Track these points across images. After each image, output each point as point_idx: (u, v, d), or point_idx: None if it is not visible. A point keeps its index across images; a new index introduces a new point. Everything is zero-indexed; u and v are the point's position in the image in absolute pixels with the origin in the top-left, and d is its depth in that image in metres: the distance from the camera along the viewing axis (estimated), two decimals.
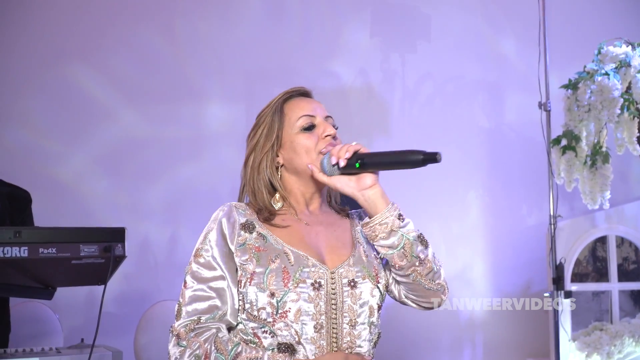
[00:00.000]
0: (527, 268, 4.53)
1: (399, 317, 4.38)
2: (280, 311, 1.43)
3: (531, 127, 3.97)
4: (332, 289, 1.46)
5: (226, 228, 1.53)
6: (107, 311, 2.14)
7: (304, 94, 1.65)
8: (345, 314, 1.47)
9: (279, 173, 1.58)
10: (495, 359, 4.60)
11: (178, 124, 4.42)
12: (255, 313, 1.44)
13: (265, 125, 1.59)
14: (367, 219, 1.49)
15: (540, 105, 3.72)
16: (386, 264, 1.59)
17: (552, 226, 3.63)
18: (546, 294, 3.57)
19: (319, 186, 1.58)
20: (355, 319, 1.47)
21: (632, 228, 4.07)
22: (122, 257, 2.11)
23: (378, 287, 1.52)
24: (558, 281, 3.55)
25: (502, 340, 4.58)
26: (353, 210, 1.69)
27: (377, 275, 1.53)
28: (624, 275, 4.12)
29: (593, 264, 4.12)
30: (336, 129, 1.61)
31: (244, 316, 1.46)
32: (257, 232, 1.51)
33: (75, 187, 4.21)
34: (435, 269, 1.54)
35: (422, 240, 1.51)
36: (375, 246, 1.49)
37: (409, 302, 1.61)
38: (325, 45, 4.71)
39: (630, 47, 3.61)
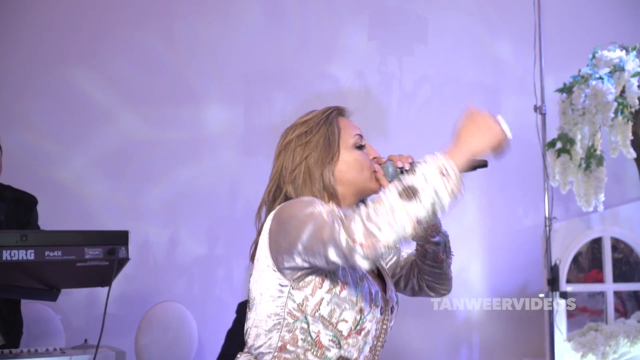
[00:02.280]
0: (523, 269, 4.56)
1: (397, 317, 4.41)
2: (357, 328, 1.48)
3: (527, 130, 4.00)
4: (386, 314, 1.57)
5: None
6: (108, 312, 2.17)
7: (346, 113, 1.68)
8: (383, 338, 1.58)
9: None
10: (491, 359, 4.63)
11: (178, 126, 4.44)
12: (334, 321, 1.46)
13: (321, 135, 1.58)
14: None
15: (535, 108, 3.75)
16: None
17: (548, 228, 3.67)
18: (541, 295, 3.61)
19: (360, 197, 1.63)
20: (384, 343, 1.59)
21: (626, 229, 4.11)
22: (125, 260, 2.15)
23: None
24: (553, 282, 3.59)
25: (498, 340, 4.61)
26: None
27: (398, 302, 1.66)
28: (618, 276, 4.16)
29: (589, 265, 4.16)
30: None
31: (315, 317, 1.46)
32: None
33: (76, 189, 4.23)
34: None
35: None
36: (422, 244, 1.65)
37: (429, 291, 1.73)
38: (323, 48, 4.74)
39: (624, 51, 3.65)
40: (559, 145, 3.71)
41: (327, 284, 1.46)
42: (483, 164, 1.50)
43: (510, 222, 4.76)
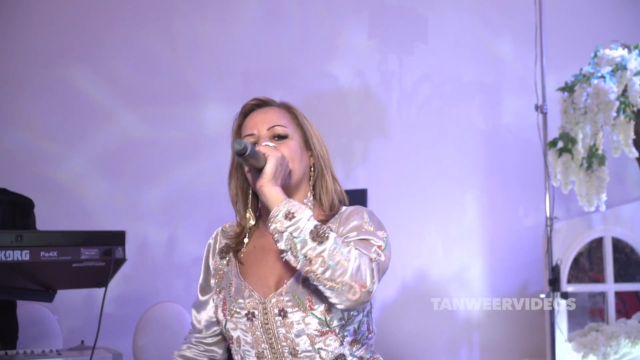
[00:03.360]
0: (524, 269, 4.55)
1: (396, 317, 4.40)
2: (228, 336, 1.56)
3: (528, 129, 3.99)
4: (265, 319, 1.48)
5: (210, 257, 1.69)
6: (106, 312, 2.15)
7: (255, 106, 1.64)
8: (283, 344, 1.47)
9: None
10: None
11: (177, 125, 4.43)
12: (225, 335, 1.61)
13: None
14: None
15: (536, 107, 3.73)
16: None
17: (549, 228, 3.65)
18: (542, 295, 3.59)
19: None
20: (294, 348, 1.46)
21: (628, 229, 4.09)
22: (122, 260, 2.12)
23: (313, 314, 1.44)
24: (554, 282, 3.57)
25: (498, 340, 4.60)
26: None
27: (310, 302, 1.44)
28: (620, 277, 4.14)
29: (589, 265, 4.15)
30: (285, 136, 1.57)
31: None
32: (228, 257, 1.61)
33: (75, 189, 4.22)
34: (333, 265, 1.32)
35: (318, 234, 1.35)
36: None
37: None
38: (323, 47, 4.72)
39: (626, 50, 3.63)
40: (560, 144, 3.69)
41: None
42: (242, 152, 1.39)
43: (511, 221, 4.74)
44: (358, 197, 3.53)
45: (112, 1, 4.44)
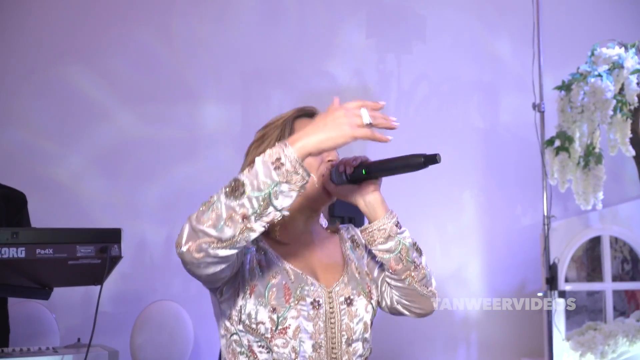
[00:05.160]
0: (522, 268, 4.55)
1: (395, 317, 4.40)
2: (279, 327, 1.43)
3: (525, 128, 3.99)
4: (330, 308, 1.49)
5: None
6: (103, 311, 2.15)
7: (313, 114, 1.61)
8: (343, 333, 1.49)
9: None
10: (489, 359, 4.62)
11: (175, 124, 4.43)
12: (254, 326, 1.44)
13: (273, 137, 1.55)
14: (366, 225, 1.52)
15: (534, 106, 3.74)
16: (381, 268, 1.61)
17: (546, 226, 3.66)
18: (540, 294, 3.59)
19: (315, 204, 1.58)
20: (351, 337, 1.50)
21: (625, 228, 4.10)
22: (118, 258, 2.12)
23: (371, 303, 1.56)
24: (552, 281, 3.58)
25: (496, 339, 4.60)
26: (341, 225, 1.71)
27: (370, 291, 1.57)
28: (617, 275, 4.15)
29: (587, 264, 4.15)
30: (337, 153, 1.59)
31: (240, 327, 1.46)
32: (259, 245, 1.52)
33: (72, 188, 4.22)
34: (428, 276, 1.56)
35: (417, 248, 1.54)
36: (373, 250, 1.51)
37: (401, 309, 1.61)
38: (321, 46, 4.73)
39: (623, 48, 3.63)
40: (557, 143, 3.69)
41: (240, 291, 1.45)
42: (433, 160, 1.43)
43: (509, 220, 4.75)
44: (357, 207, 3.54)
45: (110, 0, 4.44)
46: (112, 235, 2.11)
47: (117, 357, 2.27)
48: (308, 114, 1.60)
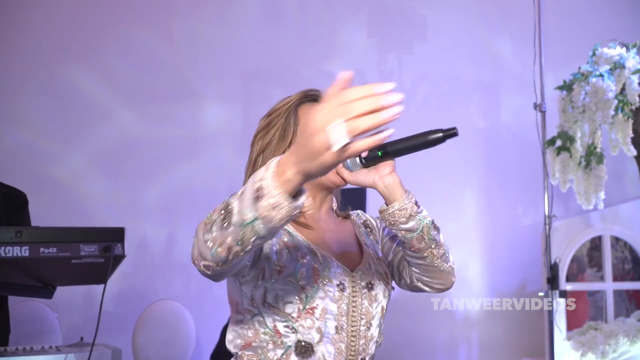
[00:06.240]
0: (523, 268, 4.55)
1: (396, 316, 4.40)
2: (307, 307, 1.44)
3: (526, 128, 4.00)
4: (354, 291, 1.50)
5: None
6: (105, 310, 2.15)
7: (318, 98, 1.59)
8: (362, 316, 1.51)
9: None
10: (490, 358, 4.62)
11: (176, 124, 4.44)
12: (280, 306, 1.44)
13: (278, 126, 1.54)
14: (384, 206, 1.51)
15: (535, 106, 3.74)
16: (398, 246, 1.62)
17: (547, 226, 3.66)
18: (541, 294, 3.59)
19: (327, 191, 1.59)
20: (370, 321, 1.52)
21: (626, 228, 4.10)
22: (121, 257, 2.12)
23: (388, 289, 1.58)
24: (553, 281, 3.58)
25: (497, 339, 4.60)
26: (352, 212, 1.71)
27: (387, 276, 1.59)
28: (618, 275, 4.15)
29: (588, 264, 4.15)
30: None
31: (265, 308, 1.45)
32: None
33: (74, 187, 4.22)
34: (447, 252, 1.59)
35: (435, 225, 1.56)
36: (395, 231, 1.51)
37: (421, 285, 1.61)
38: (322, 46, 4.73)
39: (624, 48, 3.63)
40: (558, 143, 3.69)
41: (267, 272, 1.44)
42: (452, 133, 1.44)
43: (510, 220, 4.75)
44: (357, 197, 3.54)
45: (112, 0, 4.45)
46: (116, 235, 2.11)
47: (120, 356, 2.27)
48: (312, 98, 1.59)
